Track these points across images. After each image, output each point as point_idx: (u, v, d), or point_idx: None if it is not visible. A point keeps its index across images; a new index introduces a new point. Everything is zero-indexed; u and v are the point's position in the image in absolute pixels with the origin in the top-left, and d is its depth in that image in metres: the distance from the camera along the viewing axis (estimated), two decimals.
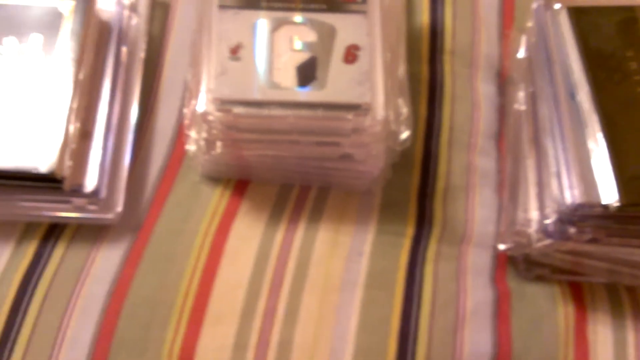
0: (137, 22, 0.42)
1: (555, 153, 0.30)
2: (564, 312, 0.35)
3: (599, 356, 0.33)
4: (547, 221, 0.30)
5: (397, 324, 0.34)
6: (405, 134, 0.32)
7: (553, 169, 0.29)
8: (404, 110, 0.32)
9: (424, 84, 0.41)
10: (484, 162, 0.39)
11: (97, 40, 0.39)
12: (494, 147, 0.39)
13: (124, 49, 0.40)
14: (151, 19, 0.43)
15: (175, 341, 0.33)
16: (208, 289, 0.35)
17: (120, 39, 0.40)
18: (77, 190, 0.35)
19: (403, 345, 0.33)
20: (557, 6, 0.32)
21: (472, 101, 0.40)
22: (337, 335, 0.33)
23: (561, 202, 0.29)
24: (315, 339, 0.33)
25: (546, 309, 0.35)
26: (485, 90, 0.40)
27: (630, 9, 0.32)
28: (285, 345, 0.33)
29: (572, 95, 0.29)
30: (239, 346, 0.33)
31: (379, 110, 0.31)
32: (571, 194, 0.29)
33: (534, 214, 0.32)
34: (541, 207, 0.31)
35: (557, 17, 0.32)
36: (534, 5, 0.33)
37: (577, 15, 0.32)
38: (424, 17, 0.42)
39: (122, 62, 0.40)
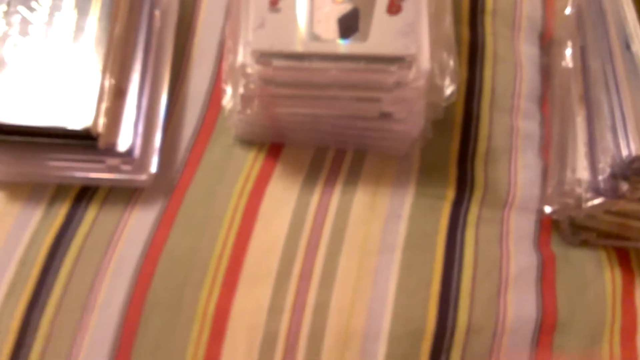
0: None
1: (610, 106, 0.28)
2: (610, 278, 0.33)
3: None
4: (600, 177, 0.28)
5: (438, 288, 0.32)
6: (450, 89, 0.31)
7: (608, 122, 0.28)
8: (450, 63, 0.31)
9: (464, 44, 0.39)
10: (527, 124, 0.37)
11: (131, 2, 0.38)
12: (538, 110, 0.38)
13: (157, 12, 0.39)
14: None
15: (210, 302, 0.32)
16: (242, 251, 0.34)
17: (154, 2, 0.40)
18: (111, 150, 0.34)
19: (444, 309, 0.32)
20: None
21: (514, 63, 0.39)
22: (375, 297, 0.32)
23: (616, 156, 0.27)
24: (353, 302, 0.32)
25: (592, 274, 0.34)
26: (528, 51, 0.39)
27: None
28: (322, 308, 0.32)
29: (627, 46, 0.27)
30: (275, 308, 0.32)
31: (424, 62, 0.30)
32: (627, 147, 0.27)
33: (583, 174, 0.30)
34: (592, 164, 0.29)
35: None
36: None
37: None
38: None
39: (155, 24, 0.39)
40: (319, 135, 0.37)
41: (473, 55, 0.39)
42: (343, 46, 0.30)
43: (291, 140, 0.37)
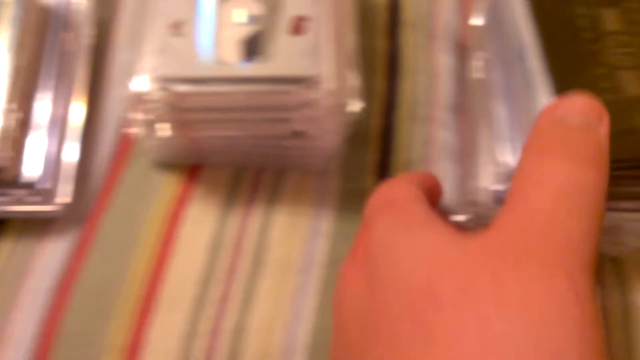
0: (84, 8, 0.40)
1: (504, 117, 0.28)
2: None
3: None
4: (495, 187, 0.29)
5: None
6: (356, 106, 0.31)
7: (501, 133, 0.28)
8: (355, 81, 0.31)
9: (382, 57, 0.39)
10: (444, 134, 0.37)
11: (39, 26, 0.37)
12: (454, 119, 0.38)
13: (69, 35, 0.39)
14: (100, 4, 0.41)
15: (124, 333, 0.32)
16: (159, 278, 0.33)
17: (65, 25, 0.39)
18: (18, 182, 0.34)
19: None
20: None
21: (431, 73, 0.39)
22: (295, 316, 0.32)
23: (507, 166, 0.28)
24: (272, 322, 0.32)
25: None
26: (445, 61, 0.39)
27: None
28: (240, 331, 0.32)
29: (521, 58, 0.27)
30: (191, 334, 0.32)
31: (329, 82, 0.30)
32: (516, 158, 0.28)
33: (484, 182, 0.30)
34: (491, 174, 0.30)
35: None
36: None
37: None
38: None
39: (67, 48, 0.38)
40: (237, 156, 0.36)
41: (391, 68, 0.39)
42: (246, 69, 0.30)
43: (210, 161, 0.37)
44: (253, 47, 0.31)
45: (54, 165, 0.35)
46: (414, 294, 0.20)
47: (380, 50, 0.39)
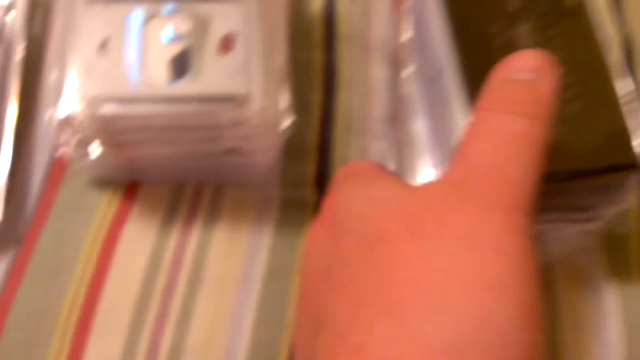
0: (14, 23, 0.39)
1: (425, 132, 0.29)
2: None
3: None
4: None
5: (293, 315, 0.33)
6: (287, 123, 0.31)
7: (422, 148, 0.29)
8: (285, 98, 0.31)
9: (318, 71, 0.40)
10: (379, 146, 0.38)
11: None
12: (389, 131, 0.38)
13: None
14: (31, 19, 0.40)
15: (60, 356, 0.31)
16: (95, 299, 0.33)
17: None
18: None
19: None
20: None
21: (367, 86, 0.40)
22: (232, 332, 0.32)
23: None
24: (210, 339, 0.32)
25: None
26: (380, 74, 0.40)
27: None
28: (177, 349, 0.32)
29: (440, 74, 0.28)
30: (128, 355, 0.31)
31: (258, 100, 0.30)
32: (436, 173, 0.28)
33: None
34: None
35: None
36: None
37: None
38: (317, 3, 0.41)
39: None
40: (175, 173, 0.36)
41: (327, 81, 0.39)
42: (175, 88, 0.30)
43: (147, 178, 0.37)
44: (181, 65, 0.30)
45: None
46: (368, 236, 0.22)
47: (316, 64, 0.40)
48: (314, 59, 0.40)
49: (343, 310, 0.21)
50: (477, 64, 0.26)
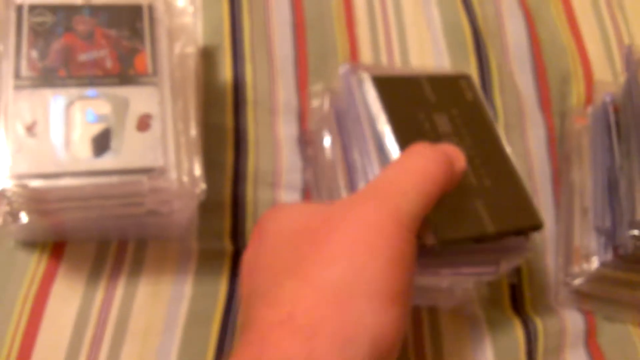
0: None
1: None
2: None
3: None
4: None
5: (212, 356, 0.37)
6: (200, 188, 0.35)
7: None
8: (198, 167, 0.36)
9: (229, 133, 0.45)
10: (289, 194, 0.43)
11: None
12: (299, 179, 0.44)
13: None
14: None
15: None
16: (28, 354, 0.36)
17: None
18: None
19: None
20: (362, 74, 0.38)
21: (274, 143, 0.45)
22: None
23: None
24: None
25: None
26: (286, 132, 0.45)
27: (416, 77, 0.39)
28: None
29: (381, 149, 0.35)
30: None
31: (172, 171, 0.35)
32: None
33: None
34: None
35: (363, 83, 0.38)
36: (341, 71, 0.39)
37: (380, 82, 0.38)
38: (227, 73, 0.46)
39: None
40: (100, 232, 0.40)
41: (237, 142, 0.44)
42: (98, 162, 0.34)
43: (73, 237, 0.40)
44: (103, 142, 0.35)
45: None
46: (297, 229, 0.30)
47: (227, 127, 0.45)
48: (226, 123, 0.45)
49: (270, 283, 0.28)
50: (410, 142, 0.33)
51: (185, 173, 0.35)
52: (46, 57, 0.36)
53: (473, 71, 0.50)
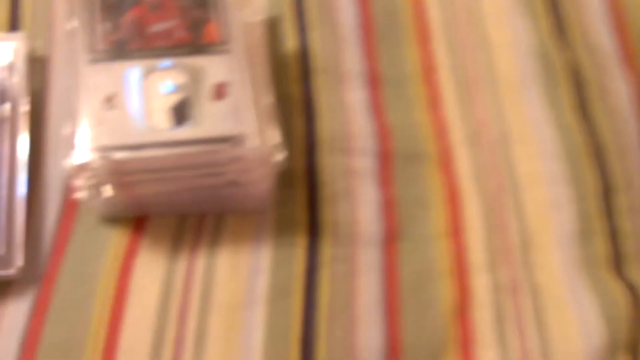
0: (17, 80, 0.42)
1: None
2: (450, 298, 0.38)
3: None
4: None
5: (298, 332, 0.36)
6: (279, 156, 0.35)
7: None
8: (276, 135, 0.35)
9: (298, 102, 0.44)
10: (363, 162, 0.42)
11: None
12: (374, 143, 0.42)
13: (7, 106, 0.41)
14: (31, 75, 0.43)
15: None
16: (117, 329, 0.36)
17: (2, 98, 0.41)
18: None
19: (305, 351, 0.36)
20: None
21: (344, 109, 0.44)
22: (244, 351, 0.36)
23: None
24: (225, 358, 0.36)
25: (433, 296, 0.39)
26: (356, 97, 0.44)
27: None
28: None
29: None
30: None
31: (252, 139, 0.34)
32: None
33: None
34: None
35: None
36: None
37: None
38: (292, 42, 0.45)
39: (5, 117, 0.41)
40: (179, 206, 0.40)
41: (308, 110, 0.43)
42: (177, 133, 0.34)
43: (154, 212, 0.40)
44: (182, 113, 0.34)
45: (5, 231, 0.37)
46: None
47: (296, 96, 0.44)
48: (293, 92, 0.44)
49: None
50: None
51: (264, 140, 0.35)
52: (118, 30, 0.36)
53: (546, 26, 0.47)
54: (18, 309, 0.37)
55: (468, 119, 0.44)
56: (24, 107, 0.42)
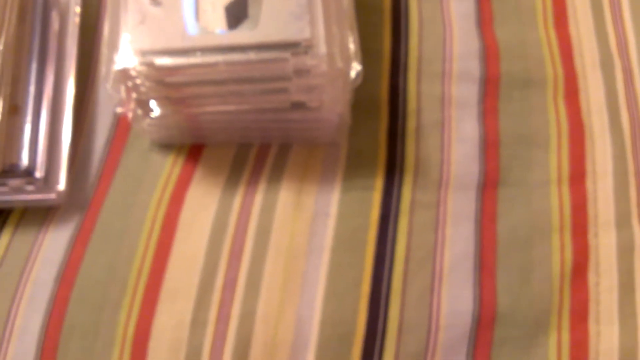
0: None
1: None
2: (559, 259, 0.31)
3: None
4: None
5: (368, 288, 0.30)
6: (355, 71, 0.28)
7: None
8: (352, 43, 0.28)
9: (386, 13, 0.36)
10: (463, 89, 0.34)
11: (20, 6, 0.35)
12: (477, 66, 0.34)
13: (54, 14, 0.37)
14: None
15: (129, 322, 0.30)
16: (162, 264, 0.32)
17: (49, 3, 0.37)
18: (11, 171, 0.32)
19: (374, 310, 0.30)
20: None
21: (442, 22, 0.36)
22: (303, 303, 0.30)
23: None
24: (280, 309, 0.30)
25: (538, 255, 0.31)
26: (459, 9, 0.36)
27: None
28: (248, 318, 0.30)
29: None
30: (198, 322, 0.30)
31: (322, 46, 0.27)
32: None
33: None
34: None
35: None
36: None
37: None
38: None
39: (53, 28, 0.36)
40: (239, 132, 0.34)
41: (396, 23, 0.36)
42: (232, 36, 0.28)
43: (211, 140, 0.35)
44: (238, 11, 0.28)
45: (49, 152, 0.34)
46: None
47: (383, 6, 0.36)
48: (381, 1, 0.36)
49: None
50: None
51: (337, 49, 0.28)
52: None
53: None
54: (60, 237, 0.33)
55: (603, 39, 0.35)
56: (75, 17, 0.37)
